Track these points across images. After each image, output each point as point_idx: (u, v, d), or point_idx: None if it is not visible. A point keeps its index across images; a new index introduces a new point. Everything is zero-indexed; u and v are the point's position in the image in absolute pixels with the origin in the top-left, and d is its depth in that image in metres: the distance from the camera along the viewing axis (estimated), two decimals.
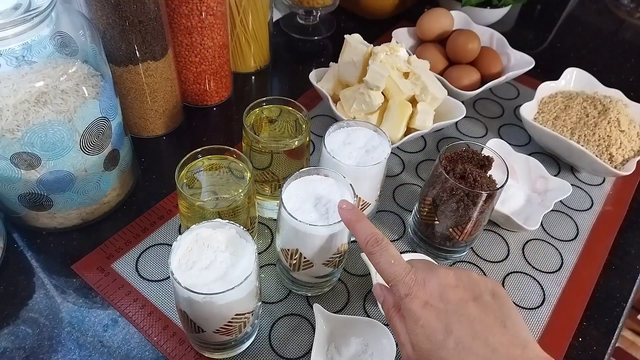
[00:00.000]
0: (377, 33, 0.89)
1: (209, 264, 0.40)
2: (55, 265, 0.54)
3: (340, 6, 0.91)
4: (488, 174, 0.53)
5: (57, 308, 0.51)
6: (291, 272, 0.51)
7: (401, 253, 0.56)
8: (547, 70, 0.80)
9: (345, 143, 0.53)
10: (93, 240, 0.56)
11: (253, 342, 0.50)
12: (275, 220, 0.59)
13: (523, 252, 0.60)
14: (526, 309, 0.55)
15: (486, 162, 0.53)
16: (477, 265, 0.58)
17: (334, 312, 0.51)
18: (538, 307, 0.55)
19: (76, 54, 0.48)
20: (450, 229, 0.53)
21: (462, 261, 0.58)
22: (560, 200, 0.63)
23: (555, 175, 0.67)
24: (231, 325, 0.42)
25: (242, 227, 0.42)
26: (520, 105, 0.69)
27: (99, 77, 0.50)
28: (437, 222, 0.54)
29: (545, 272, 0.58)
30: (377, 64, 0.62)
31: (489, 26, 0.83)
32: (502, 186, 0.50)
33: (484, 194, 0.49)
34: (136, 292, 0.52)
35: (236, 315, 0.42)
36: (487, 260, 0.59)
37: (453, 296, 0.36)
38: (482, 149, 0.55)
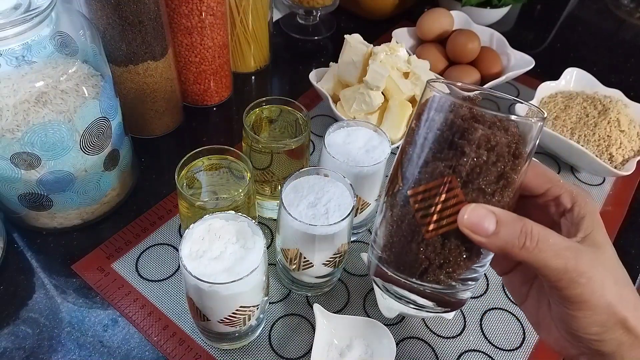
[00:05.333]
0: (377, 33, 0.89)
1: (218, 255, 0.41)
2: (55, 265, 0.54)
3: (340, 6, 0.91)
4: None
5: (57, 308, 0.51)
6: (291, 272, 0.51)
7: None
8: (547, 70, 0.80)
9: (345, 143, 0.53)
10: (93, 240, 0.56)
11: (253, 341, 0.50)
12: (275, 220, 0.59)
13: None
14: None
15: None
16: None
17: (334, 312, 0.51)
18: None
19: (76, 54, 0.48)
20: None
21: None
22: None
23: None
24: (235, 317, 0.43)
25: (254, 221, 0.43)
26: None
27: (99, 77, 0.50)
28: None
29: None
30: (377, 64, 0.62)
31: (489, 26, 0.83)
32: (544, 118, 0.32)
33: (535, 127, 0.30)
34: (136, 292, 0.52)
35: (240, 307, 0.43)
36: None
37: None
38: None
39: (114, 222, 0.58)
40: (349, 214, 0.45)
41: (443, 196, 0.30)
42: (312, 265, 0.48)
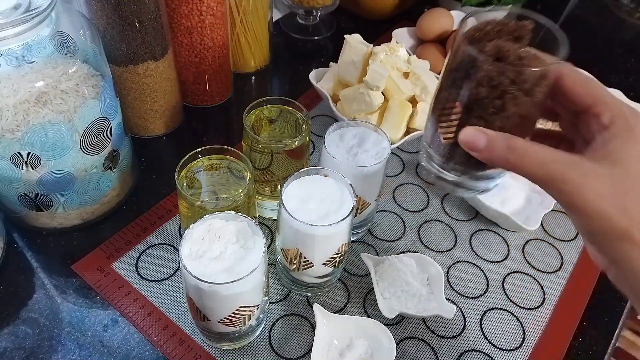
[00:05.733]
0: (377, 33, 0.89)
1: (218, 255, 0.41)
2: (55, 265, 0.54)
3: (340, 6, 0.91)
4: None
5: (57, 308, 0.51)
6: (291, 272, 0.51)
7: (401, 253, 0.56)
8: None
9: (345, 143, 0.53)
10: (93, 240, 0.56)
11: (253, 341, 0.50)
12: (275, 220, 0.59)
13: (523, 252, 0.60)
14: (526, 308, 0.55)
15: (522, 33, 0.37)
16: (477, 265, 0.58)
17: (334, 312, 0.51)
18: (538, 307, 0.55)
19: (76, 54, 0.48)
20: None
21: (461, 261, 0.58)
22: None
23: None
24: (235, 317, 0.43)
25: (254, 221, 0.43)
26: None
27: (99, 77, 0.50)
28: None
29: (545, 272, 0.58)
30: (377, 64, 0.62)
31: None
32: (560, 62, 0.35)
33: (542, 71, 0.34)
34: (136, 292, 0.52)
35: (241, 307, 0.43)
36: (487, 260, 0.59)
37: None
38: (515, 16, 0.40)
39: (114, 222, 0.58)
40: (349, 214, 0.45)
41: (451, 117, 0.37)
42: (312, 265, 0.48)
